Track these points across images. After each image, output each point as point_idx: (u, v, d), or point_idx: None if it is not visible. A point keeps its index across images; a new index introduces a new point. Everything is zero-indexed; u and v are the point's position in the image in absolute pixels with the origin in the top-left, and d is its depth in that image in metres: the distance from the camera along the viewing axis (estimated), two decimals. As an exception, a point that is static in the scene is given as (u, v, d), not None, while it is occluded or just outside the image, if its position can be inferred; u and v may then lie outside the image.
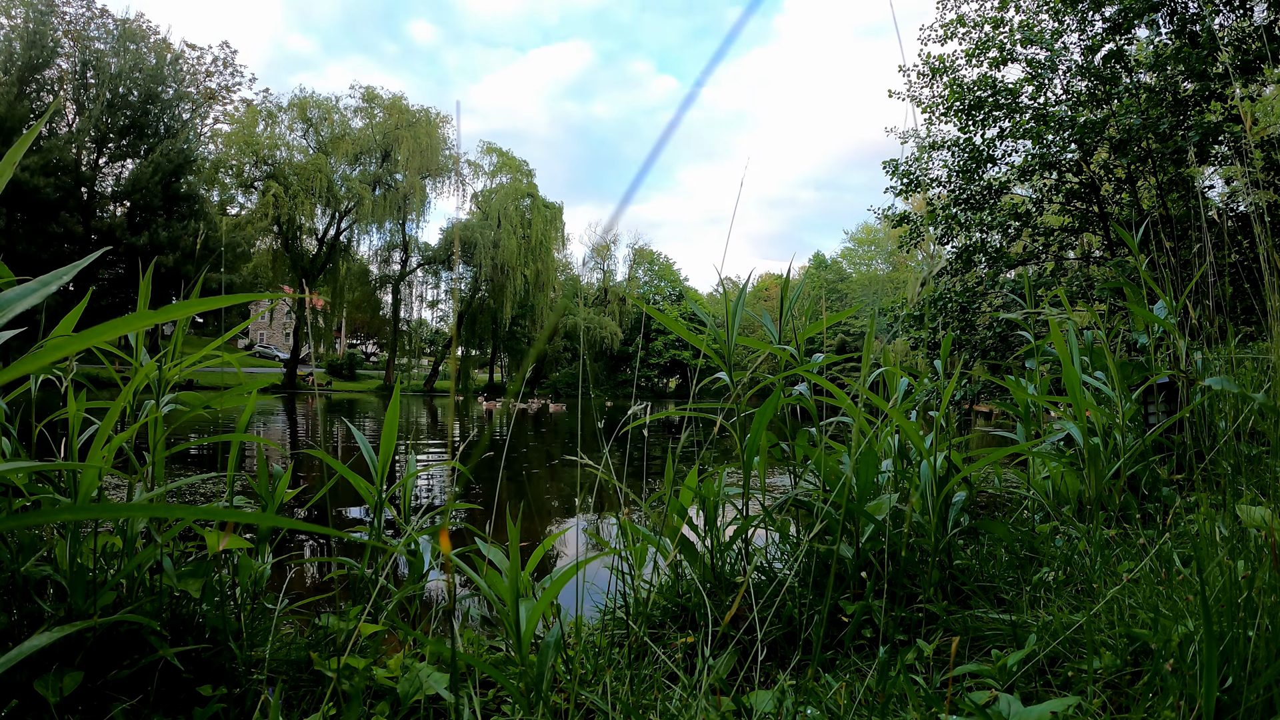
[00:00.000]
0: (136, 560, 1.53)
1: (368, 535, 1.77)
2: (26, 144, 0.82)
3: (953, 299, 11.07)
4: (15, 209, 25.78)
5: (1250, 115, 6.08)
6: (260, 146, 35.08)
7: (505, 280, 40.62)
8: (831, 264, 69.93)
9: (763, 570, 2.12)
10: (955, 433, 2.14)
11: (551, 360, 49.57)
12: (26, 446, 1.70)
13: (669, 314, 2.20)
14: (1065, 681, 1.31)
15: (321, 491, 1.92)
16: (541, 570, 2.31)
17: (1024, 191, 11.73)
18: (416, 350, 47.45)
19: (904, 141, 12.54)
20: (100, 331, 0.58)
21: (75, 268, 0.70)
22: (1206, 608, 1.00)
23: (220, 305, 0.61)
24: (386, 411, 1.75)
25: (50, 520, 0.48)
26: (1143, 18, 9.50)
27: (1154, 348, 2.78)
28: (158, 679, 1.47)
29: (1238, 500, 1.79)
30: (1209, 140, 8.78)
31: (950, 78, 11.39)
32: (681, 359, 52.46)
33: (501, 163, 43.45)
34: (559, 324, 45.00)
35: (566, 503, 7.55)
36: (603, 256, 56.57)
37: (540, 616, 1.57)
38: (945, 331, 10.78)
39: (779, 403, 2.12)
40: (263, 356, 50.42)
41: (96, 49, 29.59)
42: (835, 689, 1.34)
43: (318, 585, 3.69)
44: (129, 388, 1.53)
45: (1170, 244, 3.54)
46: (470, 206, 42.60)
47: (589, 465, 2.07)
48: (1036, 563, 2.00)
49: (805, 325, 2.37)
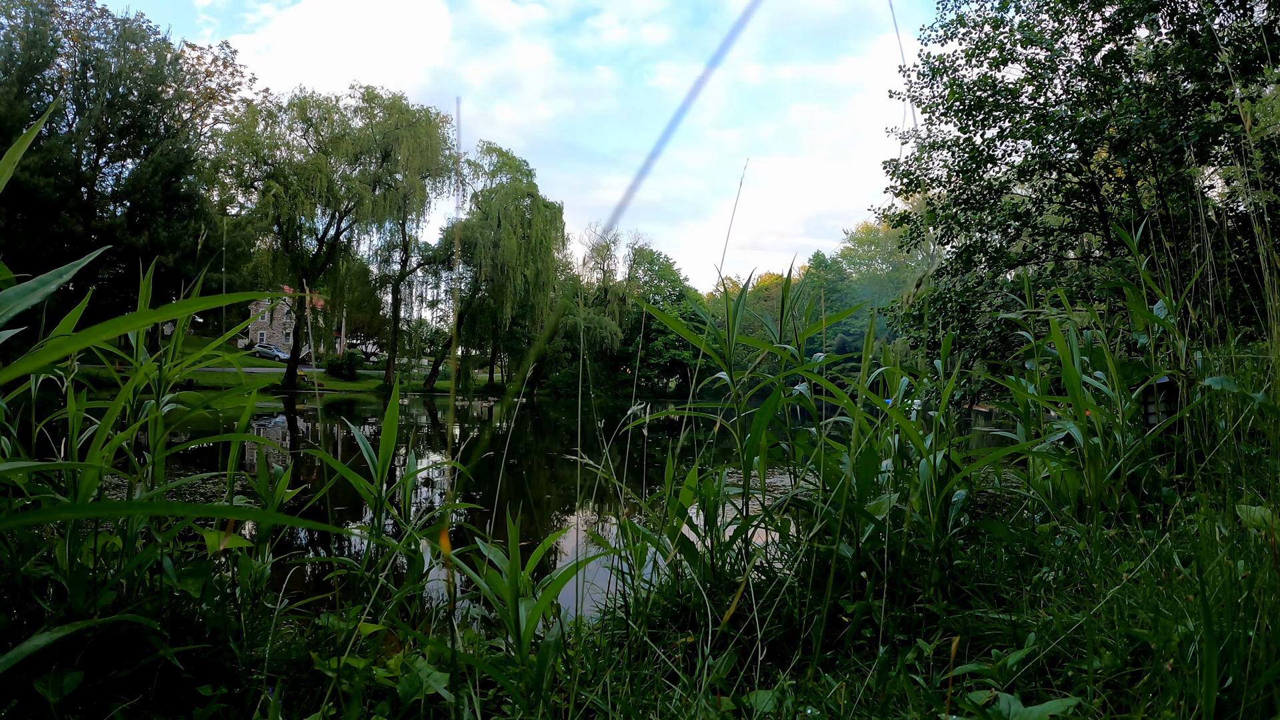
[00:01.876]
0: (136, 560, 1.53)
1: (367, 535, 1.77)
2: (26, 144, 0.82)
3: (953, 299, 11.08)
4: (15, 209, 25.77)
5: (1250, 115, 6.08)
6: (260, 146, 35.06)
7: (505, 280, 40.60)
8: (831, 264, 69.95)
9: (763, 570, 2.12)
10: (955, 432, 2.14)
11: (551, 360, 49.56)
12: (26, 446, 1.70)
13: (669, 314, 2.20)
14: (1065, 681, 1.31)
15: (321, 491, 1.92)
16: (541, 570, 2.31)
17: (1024, 191, 11.74)
18: (416, 350, 47.43)
19: (904, 142, 12.53)
20: (100, 331, 0.58)
21: (74, 267, 0.70)
22: (1206, 608, 1.00)
23: (220, 304, 0.61)
24: (386, 412, 1.75)
25: (50, 519, 0.48)
26: (1143, 18, 9.50)
27: (1154, 347, 2.77)
28: (158, 679, 1.47)
29: (1238, 500, 1.79)
30: (1209, 140, 8.78)
31: (950, 78, 11.39)
32: (681, 359, 52.46)
33: (501, 163, 43.45)
34: (559, 324, 45.03)
35: (567, 502, 7.55)
36: (603, 256, 56.58)
37: (540, 616, 1.57)
38: (945, 331, 10.78)
39: (779, 402, 2.12)
40: (263, 356, 50.42)
41: (96, 49, 29.56)
42: (835, 689, 1.34)
43: (318, 585, 3.69)
44: (128, 386, 1.53)
45: (1170, 244, 3.54)
46: (470, 206, 42.59)
47: (589, 465, 2.07)
48: (1036, 563, 2.00)
49: (805, 325, 2.37)
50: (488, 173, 43.38)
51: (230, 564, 1.77)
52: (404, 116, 38.22)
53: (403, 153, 37.83)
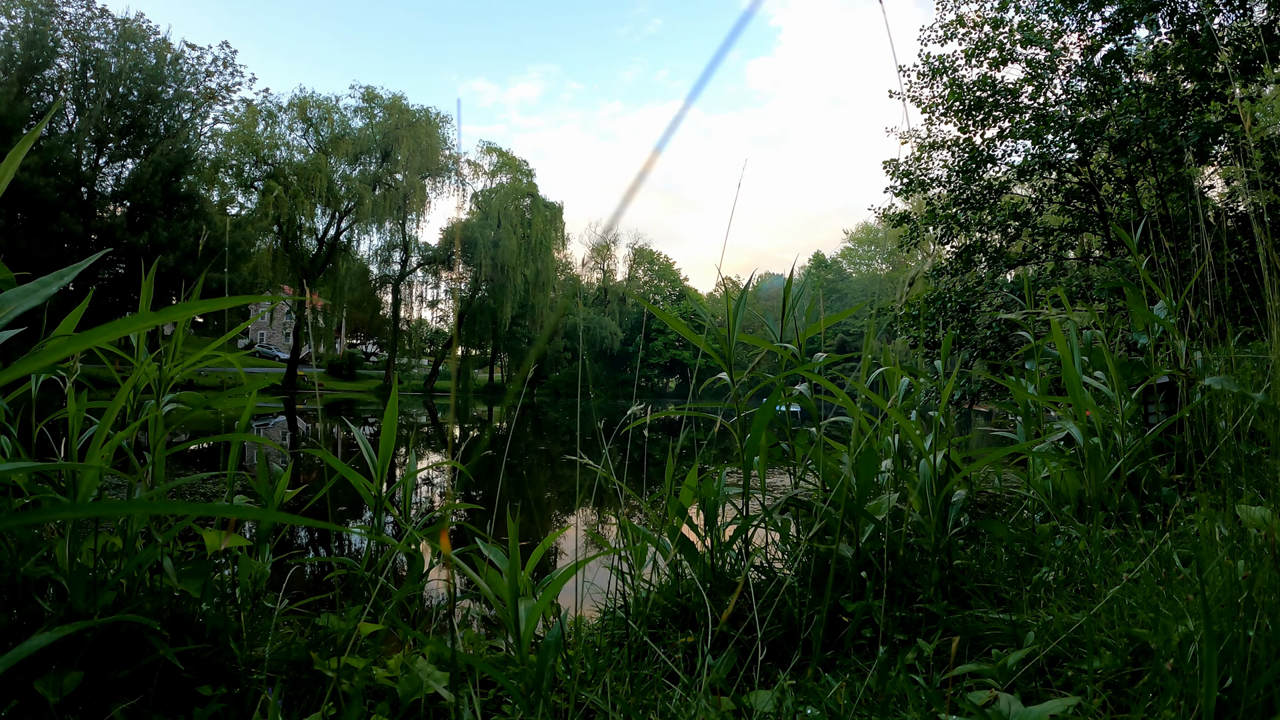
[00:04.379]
0: (136, 560, 1.53)
1: (367, 534, 1.77)
2: (28, 145, 0.82)
3: (952, 299, 11.08)
4: (15, 209, 25.77)
5: (1250, 115, 6.08)
6: (260, 146, 35.07)
7: (505, 280, 40.61)
8: (831, 264, 69.96)
9: (763, 570, 2.12)
10: (955, 432, 2.14)
11: (551, 360, 49.56)
12: (27, 446, 1.70)
13: (670, 313, 2.20)
14: (1065, 681, 1.31)
15: (322, 491, 1.92)
16: (541, 570, 2.31)
17: (1024, 191, 11.74)
18: (416, 350, 47.44)
19: (904, 142, 12.53)
20: (101, 333, 0.58)
21: (75, 269, 0.70)
22: (1206, 608, 1.00)
23: (221, 307, 0.61)
24: (385, 412, 1.75)
25: (50, 519, 0.48)
26: (1142, 18, 9.50)
27: (1154, 347, 2.77)
28: (158, 679, 1.47)
29: (1238, 500, 1.79)
30: (1209, 140, 8.78)
31: (950, 78, 11.39)
32: (682, 359, 52.46)
33: (502, 162, 43.47)
34: (559, 324, 45.01)
35: (567, 502, 7.55)
36: (603, 256, 56.58)
37: (540, 616, 1.57)
38: (945, 331, 10.78)
39: (779, 402, 2.12)
40: (263, 356, 50.41)
41: (96, 49, 29.56)
42: (835, 689, 1.34)
43: (318, 585, 3.70)
44: (126, 385, 1.53)
45: (1170, 244, 3.54)
46: (470, 206, 42.60)
47: (589, 464, 2.07)
48: (1036, 562, 2.00)
49: (806, 325, 2.37)
50: (488, 173, 43.41)
51: (230, 564, 1.77)
52: (404, 116, 38.23)
53: (403, 153, 37.84)
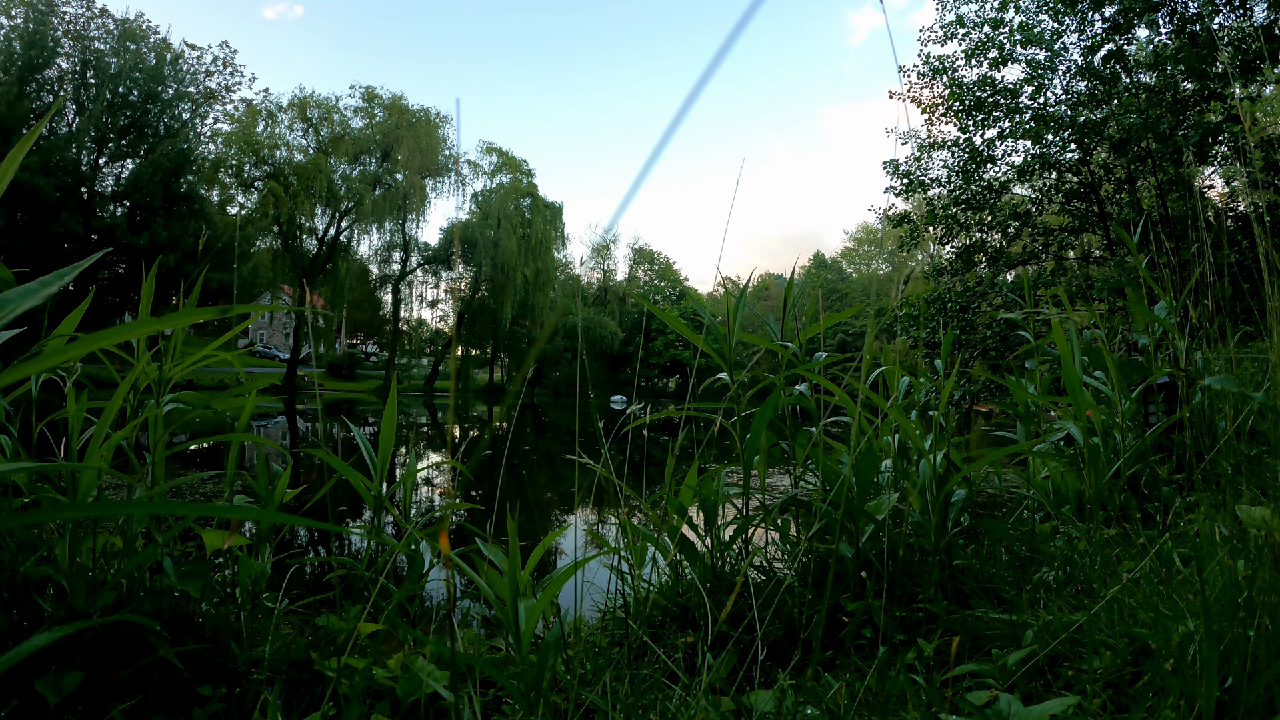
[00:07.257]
0: (136, 560, 1.53)
1: (367, 534, 1.77)
2: (27, 145, 0.82)
3: (952, 299, 11.08)
4: (15, 209, 25.76)
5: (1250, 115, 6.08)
6: (260, 146, 35.06)
7: (505, 280, 40.59)
8: (831, 264, 69.92)
9: (763, 570, 2.12)
10: (955, 432, 2.14)
11: (551, 360, 49.54)
12: (27, 446, 1.70)
13: (669, 313, 2.20)
14: (1065, 681, 1.31)
15: (322, 491, 1.92)
16: (541, 570, 2.31)
17: (1024, 191, 11.74)
18: (416, 350, 47.44)
19: (904, 142, 12.54)
20: (103, 337, 0.58)
21: (75, 269, 0.70)
22: (1206, 607, 1.00)
23: (224, 315, 0.61)
24: (385, 411, 1.75)
25: (50, 519, 0.48)
26: (1143, 18, 9.50)
27: (1154, 347, 2.77)
28: (158, 679, 1.47)
29: (1238, 500, 1.79)
30: (1208, 140, 8.79)
31: (950, 78, 11.39)
32: (681, 359, 52.43)
33: (502, 162, 43.46)
34: (559, 324, 45.01)
35: (566, 502, 7.55)
36: (603, 256, 56.58)
37: (540, 616, 1.57)
38: (945, 331, 10.78)
39: (779, 402, 2.12)
40: (263, 356, 50.42)
41: (96, 49, 29.54)
42: (835, 688, 1.34)
43: (318, 585, 3.70)
44: (125, 384, 1.53)
45: (1170, 244, 3.54)
46: (470, 206, 42.60)
47: (588, 464, 2.07)
48: (1036, 562, 2.00)
49: (806, 325, 2.37)
50: (488, 172, 43.40)
51: (230, 564, 1.77)
52: (404, 116, 38.22)
53: (403, 153, 37.84)
